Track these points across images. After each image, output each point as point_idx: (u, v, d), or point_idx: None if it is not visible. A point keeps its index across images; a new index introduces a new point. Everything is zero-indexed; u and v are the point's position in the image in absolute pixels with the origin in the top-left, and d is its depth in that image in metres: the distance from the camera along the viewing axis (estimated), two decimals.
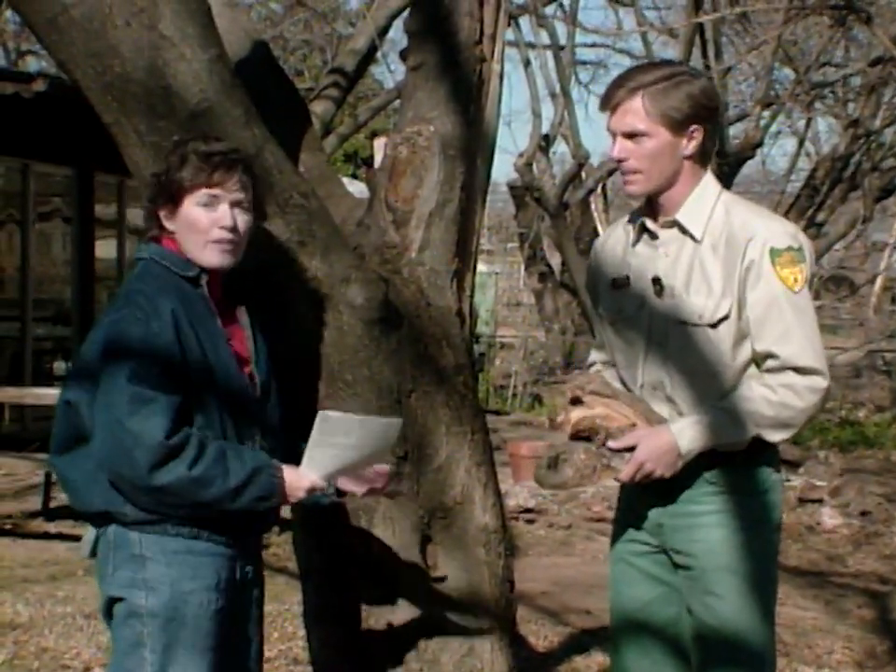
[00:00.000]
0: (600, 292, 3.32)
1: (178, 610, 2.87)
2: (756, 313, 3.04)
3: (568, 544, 8.41)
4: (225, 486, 2.82)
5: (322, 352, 3.24)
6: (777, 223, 3.13)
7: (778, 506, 3.19)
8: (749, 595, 3.10)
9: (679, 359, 3.10)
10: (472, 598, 3.40)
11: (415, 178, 3.41)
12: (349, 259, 3.23)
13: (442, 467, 3.37)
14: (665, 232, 3.15)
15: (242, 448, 2.89)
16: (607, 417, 3.05)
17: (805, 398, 3.05)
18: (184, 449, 2.79)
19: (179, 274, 2.93)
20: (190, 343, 2.85)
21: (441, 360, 3.39)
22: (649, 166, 3.08)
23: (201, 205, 2.91)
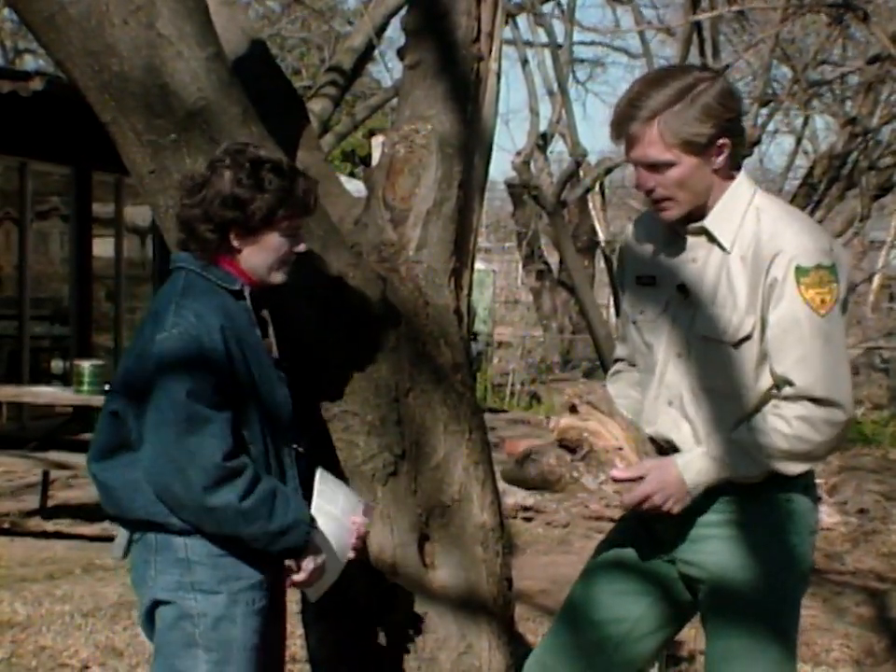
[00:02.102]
0: (626, 284, 3.13)
1: (229, 609, 2.91)
2: (775, 334, 2.82)
3: (566, 542, 8.41)
4: (266, 528, 2.86)
5: (320, 351, 3.24)
6: (808, 237, 2.83)
7: (804, 540, 2.96)
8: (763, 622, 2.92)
9: (698, 375, 2.91)
10: (470, 597, 3.40)
11: (413, 177, 3.41)
12: (347, 258, 3.23)
13: (440, 465, 3.37)
14: (694, 239, 2.94)
15: (290, 494, 2.93)
16: (595, 433, 2.94)
17: (823, 431, 2.83)
18: (239, 476, 2.82)
19: (224, 287, 2.93)
20: (238, 358, 2.87)
21: (438, 359, 3.39)
22: (679, 192, 2.87)
23: (287, 234, 2.94)
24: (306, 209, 2.96)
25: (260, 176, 2.88)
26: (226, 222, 2.89)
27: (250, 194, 2.88)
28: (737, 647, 2.94)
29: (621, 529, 3.14)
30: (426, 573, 3.37)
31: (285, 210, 2.90)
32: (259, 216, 2.89)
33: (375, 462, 3.29)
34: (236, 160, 2.89)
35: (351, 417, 3.27)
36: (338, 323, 3.22)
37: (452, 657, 3.38)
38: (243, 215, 2.88)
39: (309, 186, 2.96)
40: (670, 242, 2.99)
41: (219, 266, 2.94)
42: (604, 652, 3.07)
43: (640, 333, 3.05)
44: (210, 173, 2.91)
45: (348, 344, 3.25)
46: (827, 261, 2.81)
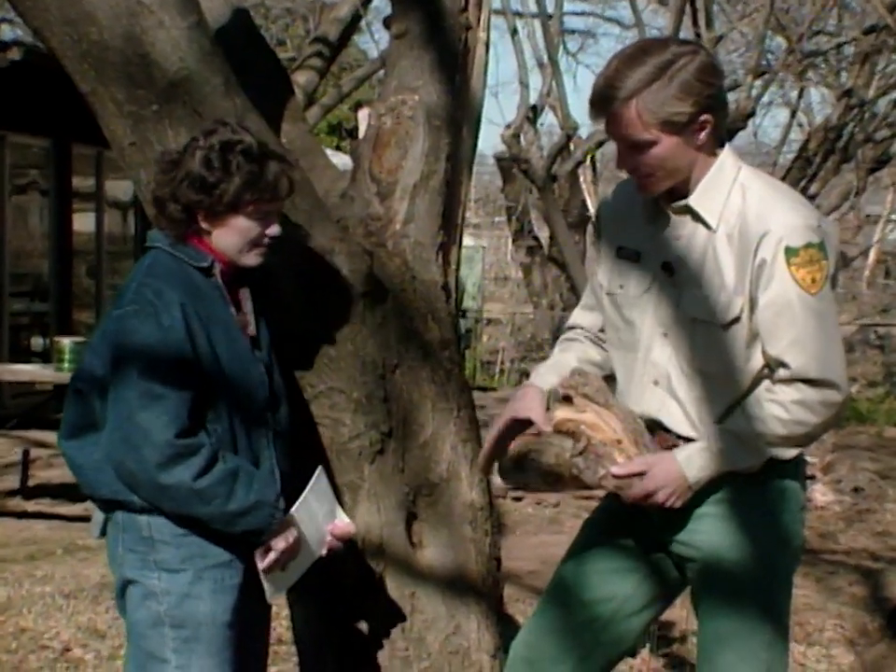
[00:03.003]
0: (602, 252, 3.10)
1: (194, 587, 2.93)
2: (767, 316, 2.81)
3: (557, 522, 8.43)
4: (222, 509, 2.86)
5: (306, 327, 3.24)
6: (795, 215, 2.81)
7: (795, 518, 2.97)
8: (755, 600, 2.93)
9: (687, 356, 2.90)
10: (459, 576, 3.42)
11: (400, 149, 3.41)
12: (333, 232, 3.23)
13: (428, 443, 3.38)
14: (678, 216, 2.92)
15: (256, 475, 2.92)
16: (593, 426, 2.91)
17: (819, 412, 2.83)
18: (193, 455, 2.83)
19: (192, 265, 2.94)
20: (201, 337, 2.88)
21: (426, 335, 3.39)
22: (660, 169, 2.85)
23: (256, 219, 2.94)
24: (276, 194, 2.94)
25: (228, 159, 2.88)
26: (192, 204, 2.90)
27: (216, 177, 2.88)
28: (729, 626, 2.95)
29: (607, 506, 3.14)
30: (413, 553, 3.38)
31: (252, 195, 2.90)
32: (225, 199, 2.89)
33: (362, 440, 3.30)
34: (208, 139, 2.89)
35: (337, 395, 3.28)
36: (323, 298, 3.22)
37: (440, 638, 3.39)
38: (208, 198, 2.89)
39: (281, 169, 2.94)
40: (654, 216, 2.96)
41: (189, 244, 2.95)
42: (591, 632, 3.08)
43: (618, 308, 3.02)
44: (184, 152, 2.91)
45: (334, 320, 3.25)
46: (816, 239, 2.79)
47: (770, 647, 2.95)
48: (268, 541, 2.94)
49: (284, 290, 3.20)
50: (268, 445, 3.00)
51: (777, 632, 2.98)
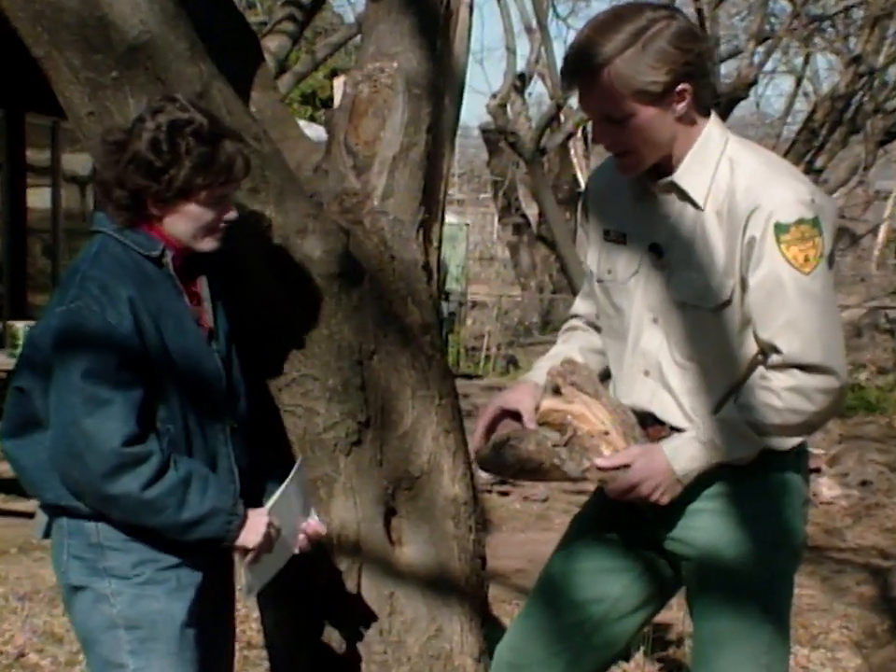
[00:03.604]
0: (590, 235, 3.11)
1: (147, 589, 2.93)
2: (757, 298, 2.80)
3: (545, 518, 8.45)
4: (174, 519, 2.86)
5: (277, 310, 3.24)
6: (786, 189, 2.80)
7: (797, 513, 2.99)
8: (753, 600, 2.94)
9: (677, 344, 2.91)
10: (440, 576, 3.43)
11: (378, 119, 3.41)
12: (305, 208, 3.23)
13: (408, 433, 3.39)
14: (665, 195, 2.91)
15: (211, 480, 2.92)
16: (580, 417, 2.93)
17: (816, 400, 2.83)
18: (141, 464, 2.82)
19: (141, 254, 2.92)
20: (150, 332, 2.86)
21: (405, 318, 3.40)
22: (638, 145, 2.84)
23: (210, 204, 2.91)
24: (230, 177, 2.91)
25: (177, 141, 2.84)
26: (139, 190, 2.88)
27: (165, 161, 2.84)
28: (727, 628, 2.96)
29: (597, 502, 3.15)
30: (392, 550, 3.39)
31: (204, 179, 2.86)
32: (175, 185, 2.86)
33: (337, 430, 3.30)
34: (155, 119, 2.86)
35: (311, 382, 3.28)
36: (295, 280, 3.22)
37: (420, 640, 3.40)
38: (157, 184, 2.86)
39: (236, 149, 2.90)
40: (640, 195, 2.96)
41: (139, 230, 2.93)
42: (581, 635, 3.09)
43: (608, 294, 3.04)
44: (130, 132, 2.88)
45: (307, 303, 3.25)
46: (808, 214, 2.78)
47: (770, 649, 2.97)
48: (232, 544, 2.94)
49: (252, 272, 3.20)
50: (225, 442, 3.00)
51: (778, 633, 2.99)
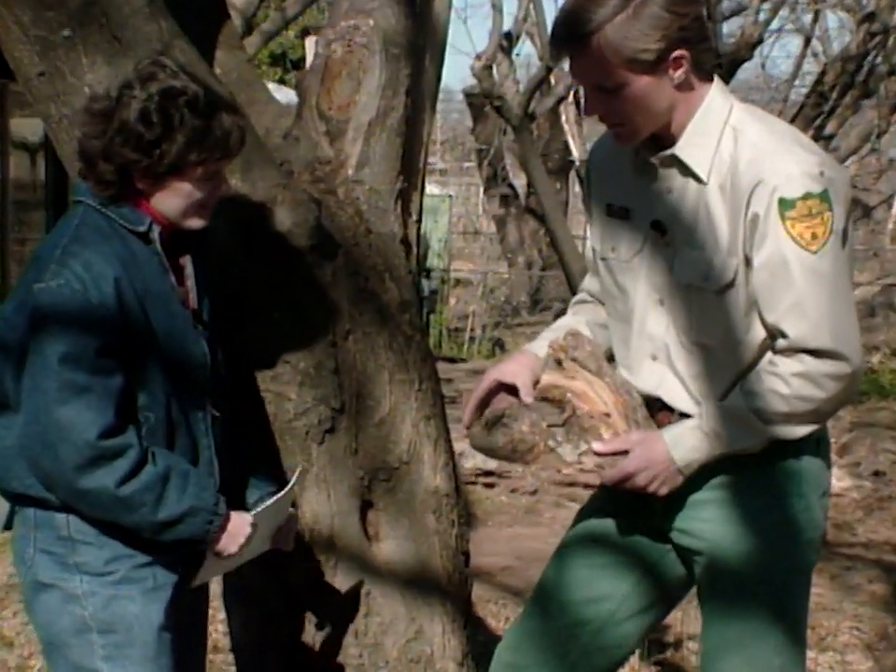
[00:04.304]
0: (593, 211, 3.12)
1: (122, 589, 2.93)
2: (762, 279, 2.80)
3: (534, 512, 8.46)
4: (150, 518, 2.86)
5: (243, 287, 3.25)
6: (791, 161, 2.79)
7: (815, 504, 2.98)
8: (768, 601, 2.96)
9: (684, 328, 2.92)
10: (421, 573, 3.44)
11: (352, 82, 3.40)
12: (275, 177, 3.23)
13: (385, 420, 3.40)
14: (666, 169, 2.91)
15: (192, 476, 2.92)
16: (582, 395, 2.94)
17: (826, 387, 2.82)
18: (117, 458, 2.81)
19: (126, 228, 2.91)
20: (136, 314, 2.85)
21: (382, 296, 3.40)
22: (633, 115, 2.84)
23: (202, 180, 2.91)
24: (226, 152, 2.91)
25: (170, 113, 2.83)
26: (127, 164, 2.86)
27: (156, 134, 2.83)
28: (737, 627, 2.97)
29: (603, 494, 3.16)
30: (368, 546, 3.41)
31: (198, 155, 2.85)
32: (166, 160, 2.84)
33: (309, 417, 3.31)
34: (146, 88, 2.84)
35: (281, 365, 3.29)
36: (264, 255, 3.23)
37: (399, 643, 3.42)
38: (147, 158, 2.84)
39: (233, 122, 2.90)
40: (642, 167, 2.96)
41: (124, 204, 2.92)
42: (586, 635, 3.10)
43: (612, 273, 3.05)
44: (117, 100, 2.86)
45: (276, 280, 3.25)
46: (816, 188, 2.77)
47: (783, 652, 2.98)
48: (212, 547, 2.96)
49: (218, 245, 3.20)
50: (206, 432, 3.01)
51: (792, 634, 3.00)
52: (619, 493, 2.98)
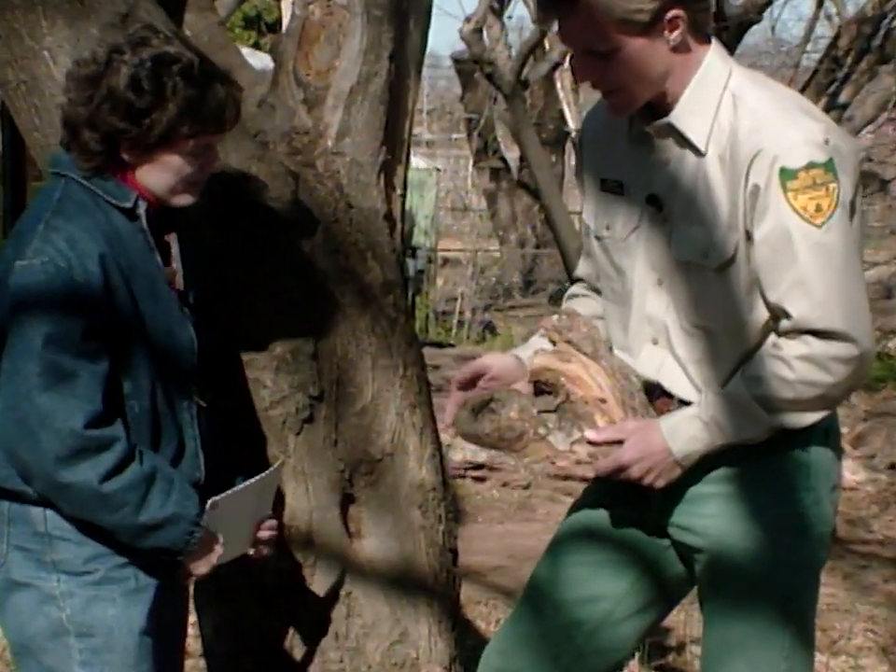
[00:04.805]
0: (586, 185, 3.13)
1: (102, 589, 2.93)
2: (763, 255, 2.80)
3: (527, 507, 8.47)
4: (131, 520, 2.86)
5: (214, 266, 3.25)
6: (794, 128, 2.79)
7: (824, 498, 2.98)
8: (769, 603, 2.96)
9: (684, 309, 2.92)
10: (405, 572, 3.45)
11: (332, 46, 3.40)
12: (249, 149, 3.23)
13: (367, 409, 3.40)
14: (662, 139, 2.91)
15: (176, 482, 2.92)
16: (576, 379, 2.93)
17: (833, 371, 2.81)
18: (102, 451, 2.81)
19: (111, 203, 2.91)
20: (122, 294, 2.85)
21: (364, 276, 3.40)
22: (627, 82, 2.84)
23: (193, 154, 2.91)
24: (220, 126, 2.92)
25: (163, 81, 2.83)
26: (114, 133, 2.86)
27: (147, 103, 2.83)
28: (741, 629, 2.98)
29: (598, 486, 3.16)
30: (349, 543, 3.42)
31: (190, 127, 2.86)
32: (156, 131, 2.84)
33: (286, 405, 3.32)
34: (137, 53, 2.83)
35: (255, 350, 3.29)
36: (237, 231, 3.23)
37: (382, 646, 3.43)
38: (136, 128, 2.84)
39: (227, 93, 2.90)
40: (637, 138, 2.96)
41: (109, 177, 2.92)
42: (579, 637, 3.10)
43: (607, 253, 3.05)
44: (104, 65, 2.86)
45: (250, 258, 3.26)
46: (820, 157, 2.76)
47: (790, 654, 2.99)
48: (186, 559, 2.96)
49: (192, 220, 3.19)
50: (192, 423, 3.01)
51: (799, 637, 3.01)
52: (614, 485, 2.99)
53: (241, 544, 3.08)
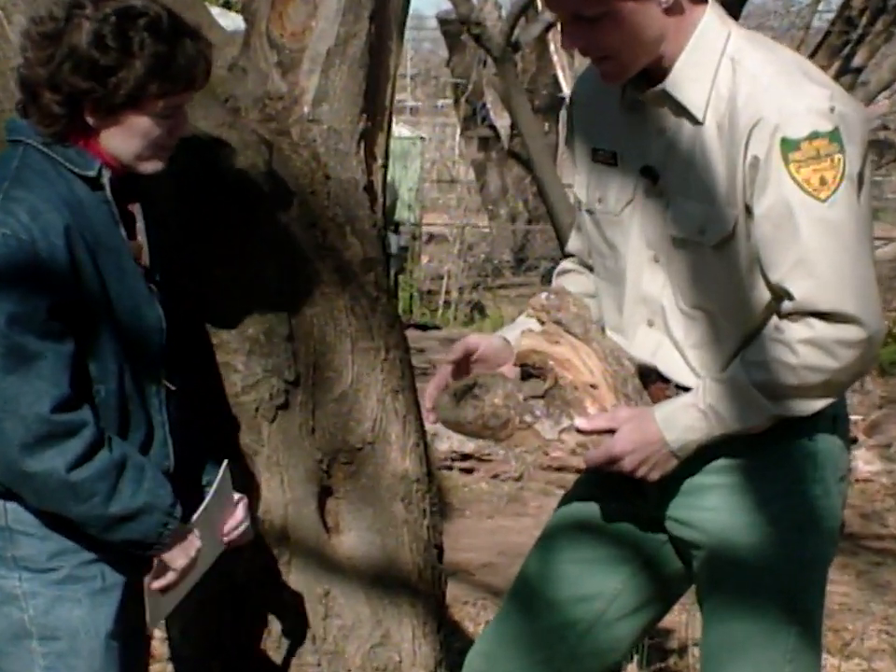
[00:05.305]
0: (576, 155, 3.14)
1: (67, 589, 2.93)
2: (764, 232, 2.79)
3: (519, 501, 8.49)
4: (101, 511, 2.86)
5: (182, 240, 3.25)
6: (797, 95, 2.78)
7: (831, 489, 2.99)
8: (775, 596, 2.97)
9: (680, 289, 2.92)
10: (387, 570, 3.46)
11: (307, 5, 3.40)
12: (218, 116, 3.23)
13: (347, 394, 3.41)
14: (657, 107, 2.91)
15: (148, 471, 2.92)
16: (565, 363, 2.92)
17: (839, 355, 2.80)
18: (70, 437, 2.81)
19: (73, 172, 2.90)
20: (88, 270, 2.85)
21: (343, 252, 3.41)
22: (618, 47, 2.82)
23: (161, 116, 2.90)
24: (190, 84, 2.91)
25: (129, 36, 2.82)
26: (78, 94, 2.85)
27: (112, 60, 2.82)
28: (743, 631, 2.99)
29: (590, 478, 3.17)
30: (327, 539, 3.42)
31: (159, 86, 2.85)
32: (123, 91, 2.84)
33: (259, 391, 3.32)
34: (100, 8, 2.82)
35: (225, 331, 3.29)
36: (206, 204, 3.23)
37: (363, 649, 3.43)
38: (101, 88, 2.84)
39: (198, 50, 2.90)
40: (631, 106, 2.96)
41: (69, 144, 2.91)
42: (570, 639, 3.11)
43: (599, 228, 3.05)
44: (65, 21, 2.85)
45: (220, 233, 3.26)
46: (825, 126, 2.75)
47: (795, 656, 3.00)
48: (160, 555, 2.95)
49: (156, 193, 3.19)
50: (160, 408, 3.01)
51: (805, 637, 3.02)
52: (607, 476, 2.99)
53: (211, 555, 3.08)
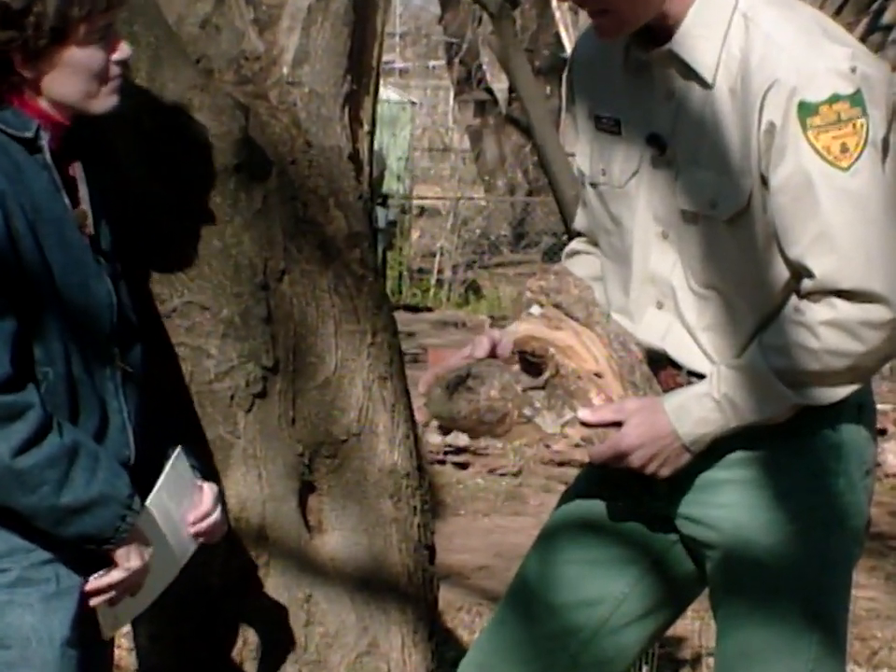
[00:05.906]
0: (578, 123, 3.15)
1: (19, 592, 2.92)
2: (782, 205, 2.80)
3: (518, 498, 8.51)
4: (51, 501, 2.85)
5: (151, 214, 3.25)
6: (814, 55, 2.77)
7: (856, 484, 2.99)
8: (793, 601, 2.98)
9: (692, 267, 2.93)
10: (374, 573, 3.46)
11: None
12: (190, 77, 3.23)
13: (330, 381, 3.41)
14: (664, 69, 2.92)
15: (102, 459, 2.91)
16: (567, 350, 2.93)
17: (865, 337, 2.80)
18: (14, 420, 2.80)
19: (9, 134, 2.89)
20: (27, 241, 2.84)
21: (326, 227, 3.41)
22: (617, 1, 2.82)
23: (95, 42, 2.89)
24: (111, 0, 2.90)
25: None
26: (1, 48, 2.85)
27: (22, 1, 2.82)
28: (761, 639, 2.99)
29: (594, 472, 3.17)
30: (309, 539, 3.43)
31: (80, 9, 2.85)
32: (45, 26, 2.83)
33: (235, 378, 3.32)
34: None
35: (198, 312, 3.29)
36: (175, 174, 3.23)
37: (348, 659, 3.44)
38: (21, 32, 2.84)
39: None
40: (636, 68, 2.97)
41: (5, 105, 2.91)
42: (571, 648, 3.11)
43: (603, 202, 3.05)
44: None
45: (192, 206, 3.26)
46: (846, 88, 2.75)
47: (817, 666, 3.00)
48: (113, 553, 2.95)
49: (119, 161, 3.20)
50: (116, 393, 3.00)
51: (828, 645, 3.02)
52: (612, 470, 2.99)
53: (180, 555, 3.08)
